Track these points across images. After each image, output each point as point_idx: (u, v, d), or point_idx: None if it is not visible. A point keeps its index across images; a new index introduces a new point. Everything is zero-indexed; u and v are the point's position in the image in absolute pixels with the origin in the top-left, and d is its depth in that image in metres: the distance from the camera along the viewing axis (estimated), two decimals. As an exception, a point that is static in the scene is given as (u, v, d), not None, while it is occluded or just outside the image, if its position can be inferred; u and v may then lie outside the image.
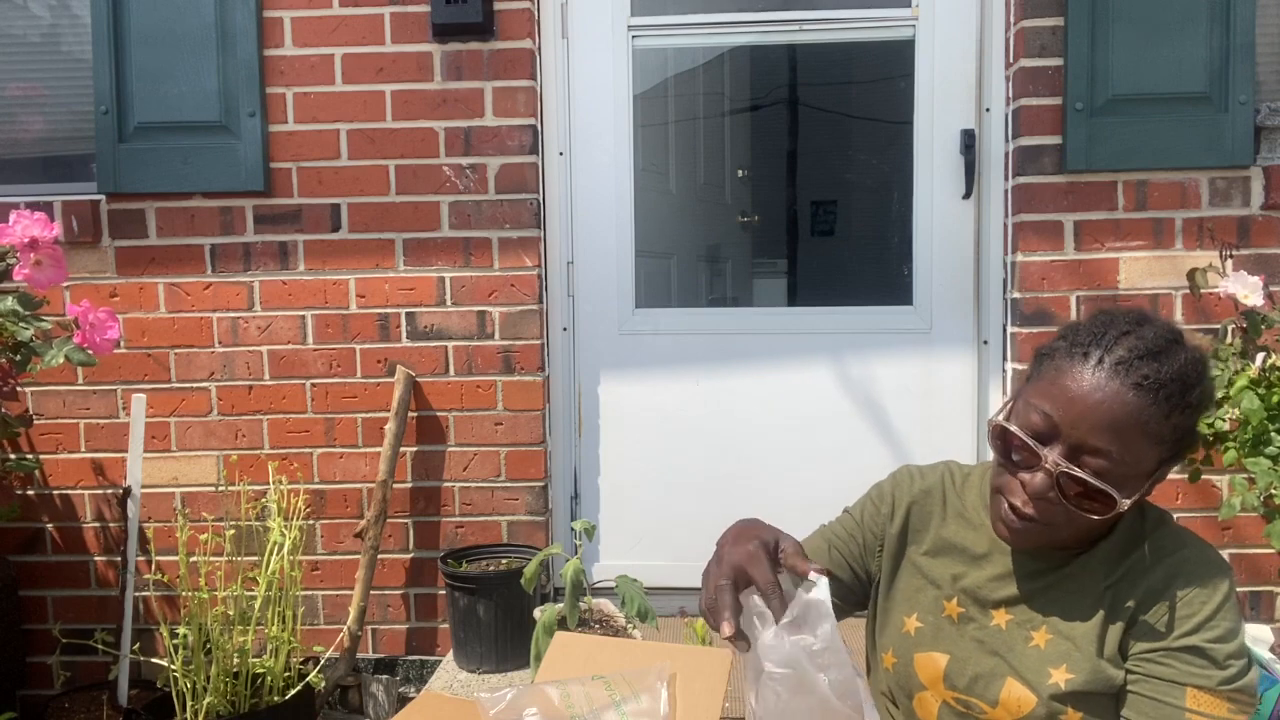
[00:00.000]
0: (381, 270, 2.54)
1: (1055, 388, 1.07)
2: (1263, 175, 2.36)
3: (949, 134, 2.55)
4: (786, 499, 2.63)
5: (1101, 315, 1.14)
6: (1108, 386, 1.04)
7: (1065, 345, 1.10)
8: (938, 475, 1.32)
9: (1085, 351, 1.07)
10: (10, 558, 2.59)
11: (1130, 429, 1.03)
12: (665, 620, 2.17)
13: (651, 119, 3.26)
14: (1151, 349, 1.06)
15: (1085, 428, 1.04)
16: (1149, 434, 1.04)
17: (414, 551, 2.59)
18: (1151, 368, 1.04)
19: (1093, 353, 1.06)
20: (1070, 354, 1.08)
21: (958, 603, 1.23)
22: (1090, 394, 1.04)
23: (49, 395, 2.59)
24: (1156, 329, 1.09)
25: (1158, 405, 1.03)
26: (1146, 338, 1.07)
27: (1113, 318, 1.12)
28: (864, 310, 2.65)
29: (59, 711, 2.40)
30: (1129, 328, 1.08)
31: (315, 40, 2.50)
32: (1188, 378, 1.06)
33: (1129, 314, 1.12)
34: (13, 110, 2.70)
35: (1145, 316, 1.12)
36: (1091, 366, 1.05)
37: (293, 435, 2.57)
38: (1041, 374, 1.11)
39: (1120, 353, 1.05)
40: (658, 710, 1.11)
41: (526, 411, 2.54)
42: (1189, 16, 2.32)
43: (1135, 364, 1.04)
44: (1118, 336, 1.07)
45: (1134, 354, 1.05)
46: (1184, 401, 1.05)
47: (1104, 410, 1.03)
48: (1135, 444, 1.04)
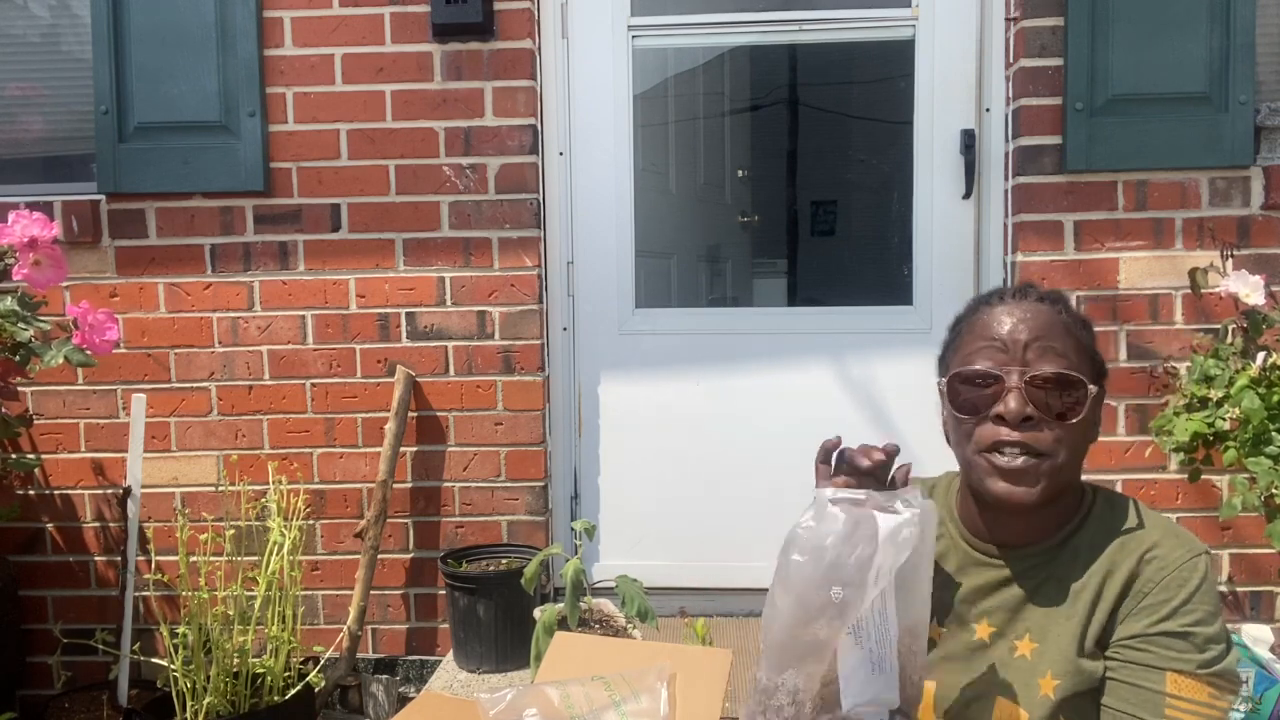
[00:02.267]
0: (381, 270, 2.54)
1: (983, 330, 1.17)
2: (1263, 175, 2.35)
3: (949, 134, 2.55)
4: (786, 499, 2.61)
5: (978, 298, 1.29)
6: (1023, 306, 1.16)
7: (972, 305, 1.23)
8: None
9: (989, 299, 1.21)
10: (10, 558, 2.59)
11: (1057, 327, 1.15)
12: (665, 620, 2.17)
13: (651, 119, 3.27)
14: (1030, 287, 1.22)
15: (1024, 338, 1.13)
16: (1072, 333, 1.16)
17: (414, 551, 2.59)
18: (1043, 292, 1.20)
19: (995, 295, 1.21)
20: (979, 307, 1.21)
21: (938, 623, 1.21)
22: (1013, 316, 1.16)
23: (49, 395, 2.59)
24: (1029, 286, 1.25)
25: (1065, 313, 1.17)
26: (1027, 288, 1.22)
27: (988, 294, 1.27)
28: (864, 310, 2.65)
29: (59, 711, 2.40)
30: (1008, 288, 1.24)
31: (315, 40, 2.50)
32: (1069, 301, 1.22)
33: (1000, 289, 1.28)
34: (13, 110, 2.70)
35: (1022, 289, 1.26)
36: (1002, 302, 1.18)
37: (293, 435, 2.57)
38: (962, 334, 1.21)
39: (1016, 289, 1.21)
40: (658, 710, 1.11)
41: (526, 411, 2.54)
42: (1189, 16, 2.32)
43: (1031, 291, 1.19)
44: (1003, 289, 1.23)
45: (1027, 287, 1.21)
46: (1079, 317, 1.19)
47: (1030, 320, 1.14)
48: (1068, 339, 1.15)
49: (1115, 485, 2.41)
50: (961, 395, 1.17)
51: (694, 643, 1.88)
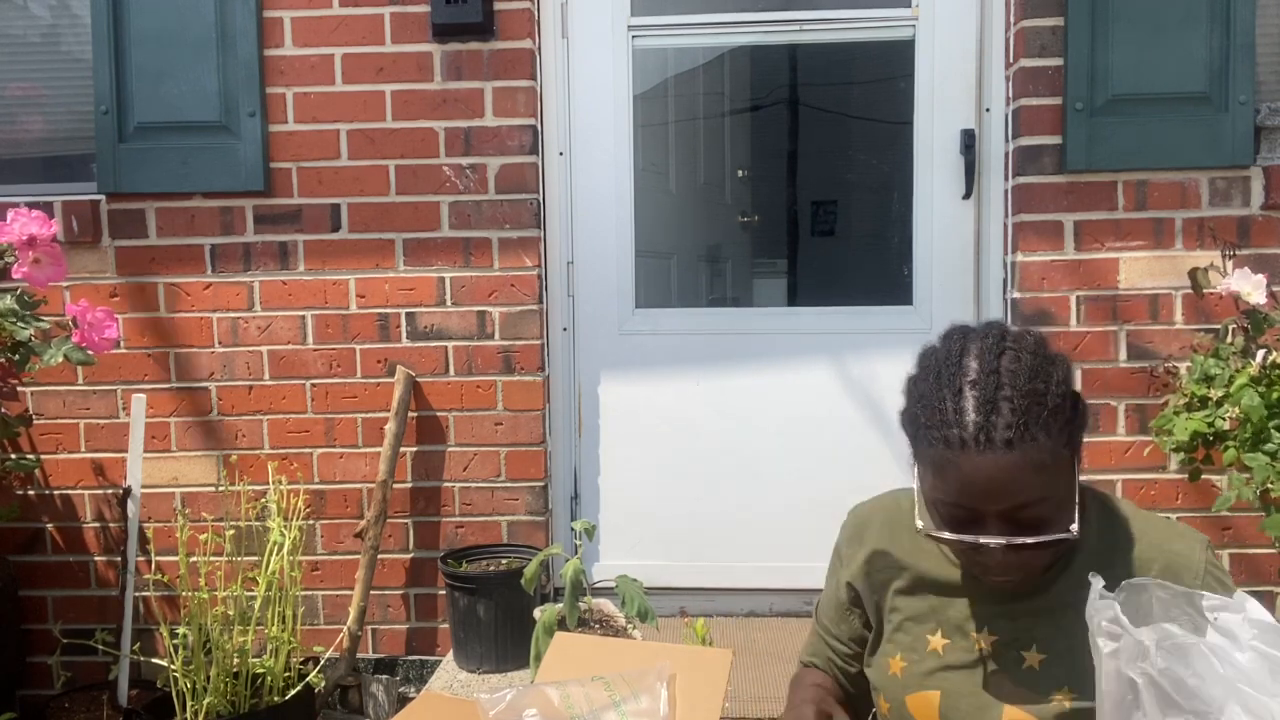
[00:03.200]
0: (381, 270, 2.54)
1: (947, 480, 1.04)
2: (1263, 175, 2.35)
3: (949, 134, 2.55)
4: (786, 499, 2.62)
5: (931, 368, 1.09)
6: (992, 463, 1.00)
7: (925, 429, 1.06)
8: (888, 510, 1.28)
9: (946, 438, 1.02)
10: (10, 558, 2.59)
11: (1035, 477, 1.01)
12: (665, 620, 2.17)
13: (651, 119, 3.26)
14: (995, 395, 1.02)
15: (997, 503, 1.02)
16: (1051, 465, 1.02)
17: (414, 551, 2.59)
18: (1010, 416, 1.01)
19: (952, 435, 1.02)
20: (935, 441, 1.04)
21: (942, 634, 1.19)
22: (980, 475, 1.01)
23: (49, 395, 2.59)
24: (984, 365, 1.04)
25: (1038, 438, 1.01)
26: (985, 386, 1.03)
27: (942, 371, 1.07)
28: (864, 310, 2.65)
29: (59, 711, 2.40)
30: (963, 383, 1.04)
31: (315, 40, 2.50)
32: (1042, 388, 1.03)
33: (952, 358, 1.07)
34: (13, 110, 2.70)
35: (964, 348, 1.07)
36: (960, 450, 1.01)
37: (293, 435, 2.57)
38: (923, 463, 1.08)
39: (974, 419, 1.01)
40: (657, 710, 1.11)
41: (526, 411, 2.54)
42: (1189, 16, 2.32)
43: (994, 425, 1.00)
44: (961, 403, 1.03)
45: (987, 414, 1.01)
46: (1051, 407, 1.03)
47: (1001, 482, 1.01)
48: (1047, 481, 1.03)
49: (1115, 485, 2.41)
50: (939, 541, 1.11)
51: (694, 643, 1.88)
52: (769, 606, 2.62)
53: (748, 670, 2.26)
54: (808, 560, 2.63)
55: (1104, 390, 2.40)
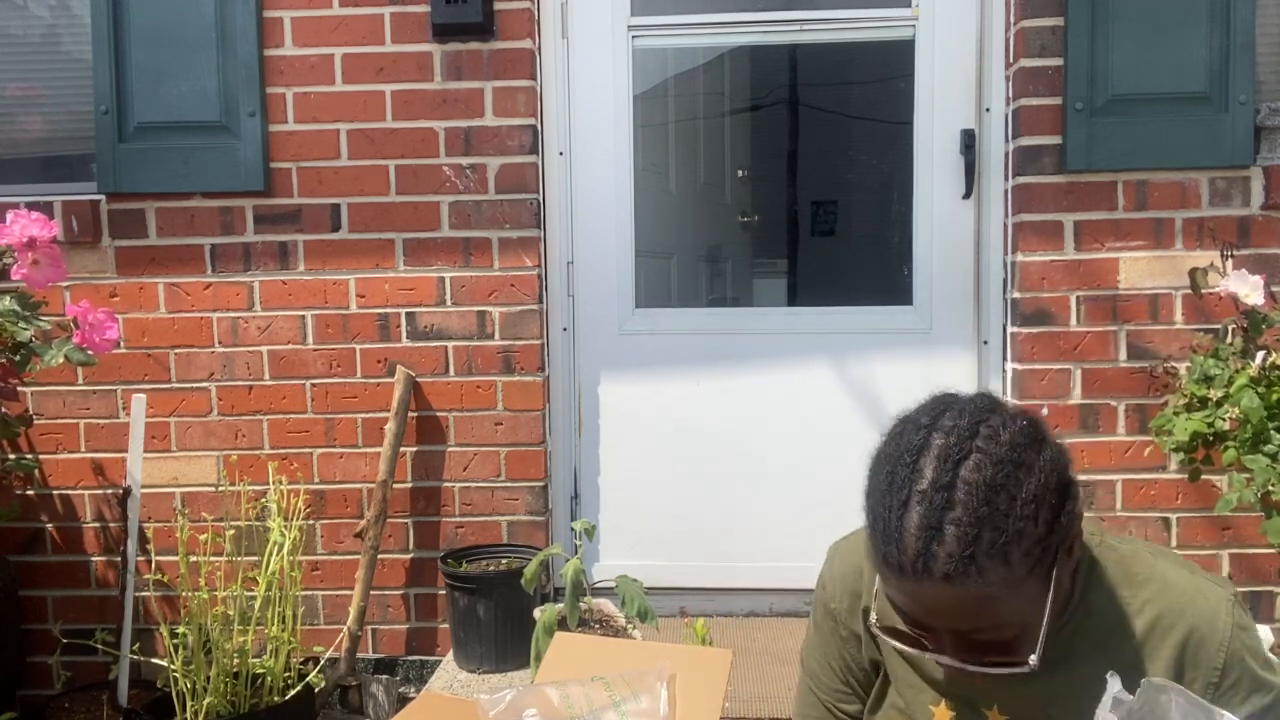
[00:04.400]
0: (381, 270, 2.54)
1: (897, 592, 0.93)
2: (1263, 175, 2.35)
3: (949, 134, 2.55)
4: (786, 499, 2.63)
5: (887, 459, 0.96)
6: (928, 591, 0.89)
7: (869, 529, 0.94)
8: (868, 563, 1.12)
9: (885, 556, 0.91)
10: (10, 558, 2.59)
11: (981, 608, 0.90)
12: (665, 620, 2.17)
13: (651, 119, 3.26)
14: (941, 519, 0.88)
15: (951, 624, 0.92)
16: (1000, 594, 0.89)
17: (414, 551, 2.59)
18: (955, 545, 0.87)
19: (891, 555, 0.90)
20: (874, 550, 0.93)
21: (946, 705, 1.10)
22: (920, 602, 0.91)
23: (49, 395, 2.59)
24: (939, 473, 0.90)
25: (985, 572, 0.87)
26: (933, 503, 0.89)
27: (895, 469, 0.93)
28: (864, 310, 2.65)
29: (59, 711, 2.40)
30: (911, 494, 0.90)
31: (315, 40, 2.50)
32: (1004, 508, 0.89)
33: (908, 456, 0.93)
34: (13, 110, 2.70)
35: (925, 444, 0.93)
36: (899, 574, 0.90)
37: (293, 435, 2.57)
38: (873, 562, 0.96)
39: (914, 545, 0.88)
40: (657, 710, 1.11)
41: (526, 411, 2.54)
42: (1189, 16, 2.32)
43: (934, 555, 0.88)
44: (903, 522, 0.89)
45: (928, 542, 0.88)
46: (1012, 531, 0.88)
47: (943, 610, 0.90)
48: (999, 610, 0.90)
49: (1115, 485, 2.41)
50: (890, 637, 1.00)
51: (694, 642, 1.88)
52: (769, 606, 2.62)
53: (747, 670, 2.26)
54: (807, 560, 2.62)
55: (1104, 390, 2.40)
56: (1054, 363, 2.41)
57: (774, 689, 2.16)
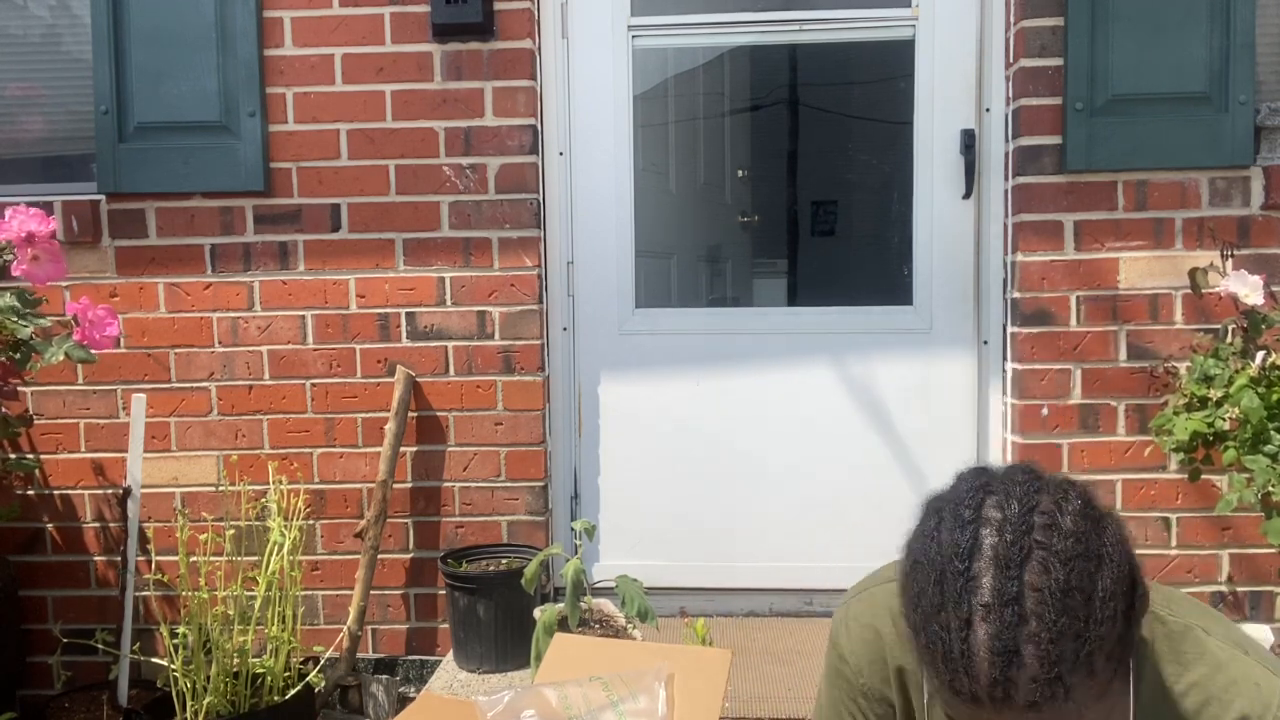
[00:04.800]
0: (381, 270, 2.54)
1: (955, 713, 0.82)
2: (1263, 175, 2.35)
3: (949, 134, 2.55)
4: (786, 499, 2.63)
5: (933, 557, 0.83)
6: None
7: (926, 654, 0.82)
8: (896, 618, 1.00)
9: (953, 685, 0.79)
10: (10, 558, 2.59)
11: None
12: (665, 620, 2.18)
13: (651, 119, 3.26)
14: (1017, 636, 0.77)
15: None
16: (1091, 704, 0.79)
17: (414, 551, 2.59)
18: (1038, 669, 0.76)
19: (961, 684, 0.78)
20: (939, 678, 0.80)
21: None
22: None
23: (49, 395, 2.59)
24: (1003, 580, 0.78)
25: (1076, 691, 0.77)
26: (1004, 620, 0.77)
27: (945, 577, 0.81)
28: (864, 310, 2.65)
29: (59, 711, 2.40)
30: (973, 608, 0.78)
31: (315, 40, 2.50)
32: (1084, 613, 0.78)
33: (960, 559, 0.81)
34: (13, 110, 2.70)
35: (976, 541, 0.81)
36: (976, 707, 0.78)
37: (293, 435, 2.57)
38: (925, 674, 0.84)
39: (989, 673, 0.76)
40: (656, 711, 1.11)
41: (526, 411, 2.54)
42: (1189, 16, 2.32)
43: (1015, 681, 0.76)
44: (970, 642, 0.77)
45: (1005, 667, 0.76)
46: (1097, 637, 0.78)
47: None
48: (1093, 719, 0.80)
49: (1115, 485, 2.41)
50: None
51: (694, 643, 1.88)
52: (769, 606, 2.62)
53: (747, 670, 2.26)
54: (807, 560, 2.63)
55: (1104, 390, 2.40)
56: (1054, 363, 2.41)
57: (773, 689, 2.16)
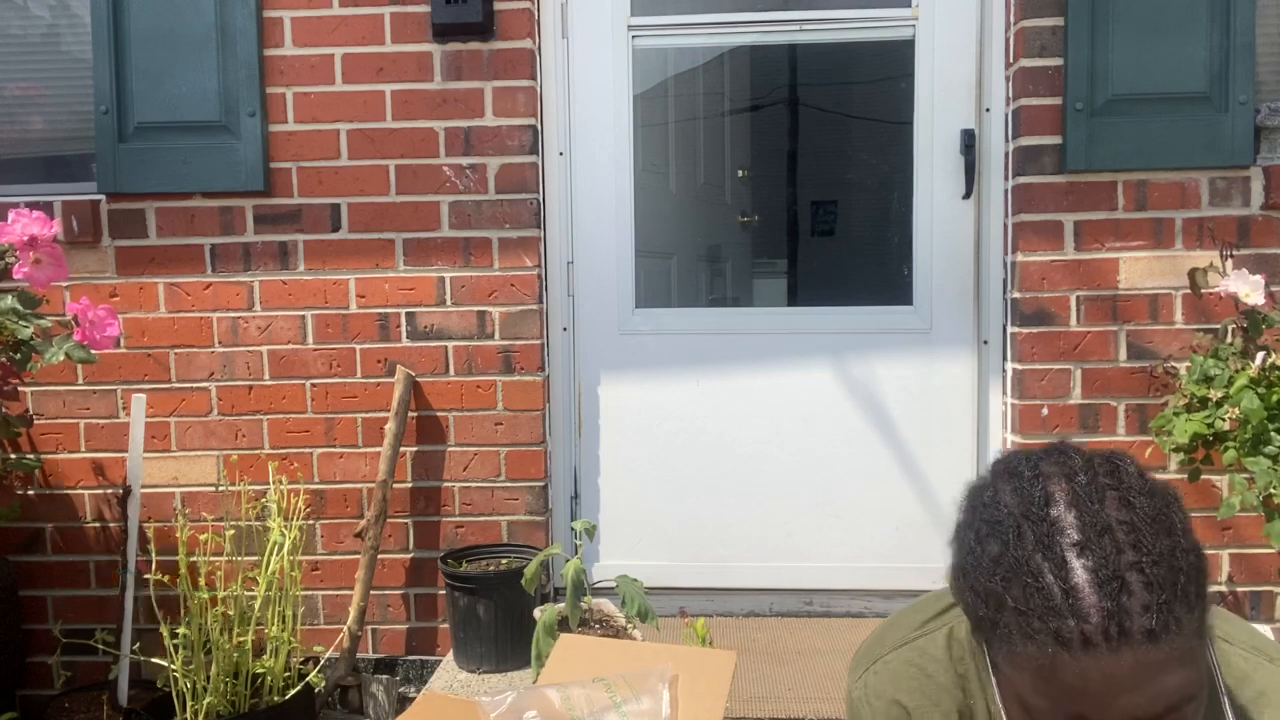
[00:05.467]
0: (381, 270, 2.54)
1: (1060, 687, 0.75)
2: (1263, 175, 2.35)
3: (949, 134, 2.55)
4: (786, 499, 2.63)
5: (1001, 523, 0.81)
6: (1131, 664, 0.72)
7: (1016, 618, 0.77)
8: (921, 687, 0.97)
9: (1058, 633, 0.74)
10: (10, 558, 2.59)
11: (1183, 676, 0.75)
12: (665, 620, 2.18)
13: (651, 119, 3.26)
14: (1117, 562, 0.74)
15: (1135, 714, 0.74)
16: (1197, 655, 0.76)
17: (414, 551, 2.59)
18: (1147, 595, 0.73)
19: (1067, 630, 0.74)
20: (1039, 637, 0.75)
21: None
22: (1118, 684, 0.73)
23: (49, 395, 2.59)
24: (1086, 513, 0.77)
25: (1184, 623, 0.74)
26: (1100, 551, 0.75)
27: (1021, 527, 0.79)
28: (864, 310, 2.65)
29: (59, 711, 2.40)
30: (1063, 546, 0.76)
31: (315, 40, 2.50)
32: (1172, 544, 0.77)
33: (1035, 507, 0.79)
34: (13, 110, 2.69)
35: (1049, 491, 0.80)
36: (1087, 653, 0.73)
37: (293, 435, 2.57)
38: (1013, 661, 0.78)
39: (1099, 604, 0.73)
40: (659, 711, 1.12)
41: (526, 411, 2.54)
42: (1189, 16, 2.32)
43: (1128, 611, 0.73)
44: (1069, 577, 0.75)
45: (1115, 595, 0.73)
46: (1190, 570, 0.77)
47: (1147, 688, 0.73)
48: (1191, 678, 0.76)
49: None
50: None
51: (694, 643, 1.88)
52: (769, 606, 2.63)
53: (748, 670, 2.26)
54: (807, 560, 2.63)
55: (1104, 390, 2.41)
56: (1054, 363, 2.41)
57: (774, 689, 2.16)
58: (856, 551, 2.60)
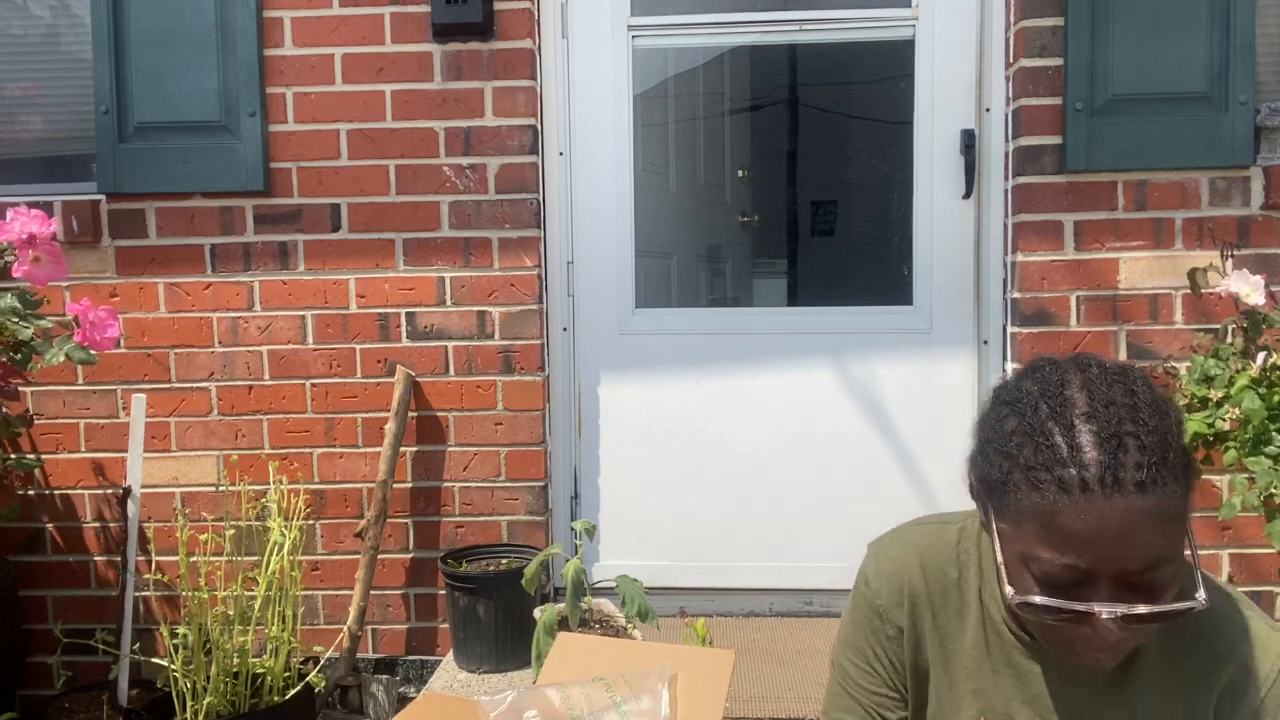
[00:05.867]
0: (381, 270, 2.54)
1: (1054, 534, 0.88)
2: (1263, 175, 2.35)
3: (949, 134, 2.55)
4: (786, 499, 2.63)
5: (1021, 404, 0.94)
6: (1117, 508, 0.85)
7: (1023, 473, 0.90)
8: (926, 562, 1.10)
9: (1059, 479, 0.87)
10: (10, 558, 2.59)
11: (1165, 530, 0.86)
12: (665, 620, 2.17)
13: (651, 119, 3.26)
14: (1119, 430, 0.87)
15: (1119, 560, 0.86)
16: (1179, 516, 0.88)
17: (414, 551, 2.59)
18: (1140, 455, 0.86)
19: (1069, 476, 0.86)
20: (1040, 484, 0.88)
21: (980, 714, 1.07)
22: (1105, 526, 0.85)
23: (49, 395, 2.59)
24: (1096, 395, 0.90)
25: (1168, 484, 0.86)
26: (1105, 419, 0.88)
27: (1039, 405, 0.92)
28: (864, 310, 2.65)
29: (59, 711, 2.40)
30: (1073, 415, 0.89)
31: (315, 40, 2.50)
32: (1167, 425, 0.89)
33: (1051, 389, 0.92)
34: (13, 110, 2.70)
35: (1064, 379, 0.93)
36: (1081, 494, 0.86)
37: (293, 435, 2.57)
38: (1019, 515, 0.91)
39: (1098, 457, 0.86)
40: (659, 711, 1.11)
41: (526, 411, 2.54)
42: (1189, 16, 2.32)
43: (1124, 464, 0.85)
44: (1075, 438, 0.88)
45: (1114, 451, 0.86)
46: (1177, 448, 0.89)
47: (1128, 534, 0.85)
48: (1173, 536, 0.88)
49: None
50: (1034, 613, 0.92)
51: (694, 643, 1.88)
52: (769, 606, 2.63)
53: (747, 670, 2.26)
54: (807, 560, 2.63)
55: (1104, 390, 2.40)
56: (1054, 363, 2.41)
57: (774, 689, 2.16)
58: (857, 551, 2.60)
